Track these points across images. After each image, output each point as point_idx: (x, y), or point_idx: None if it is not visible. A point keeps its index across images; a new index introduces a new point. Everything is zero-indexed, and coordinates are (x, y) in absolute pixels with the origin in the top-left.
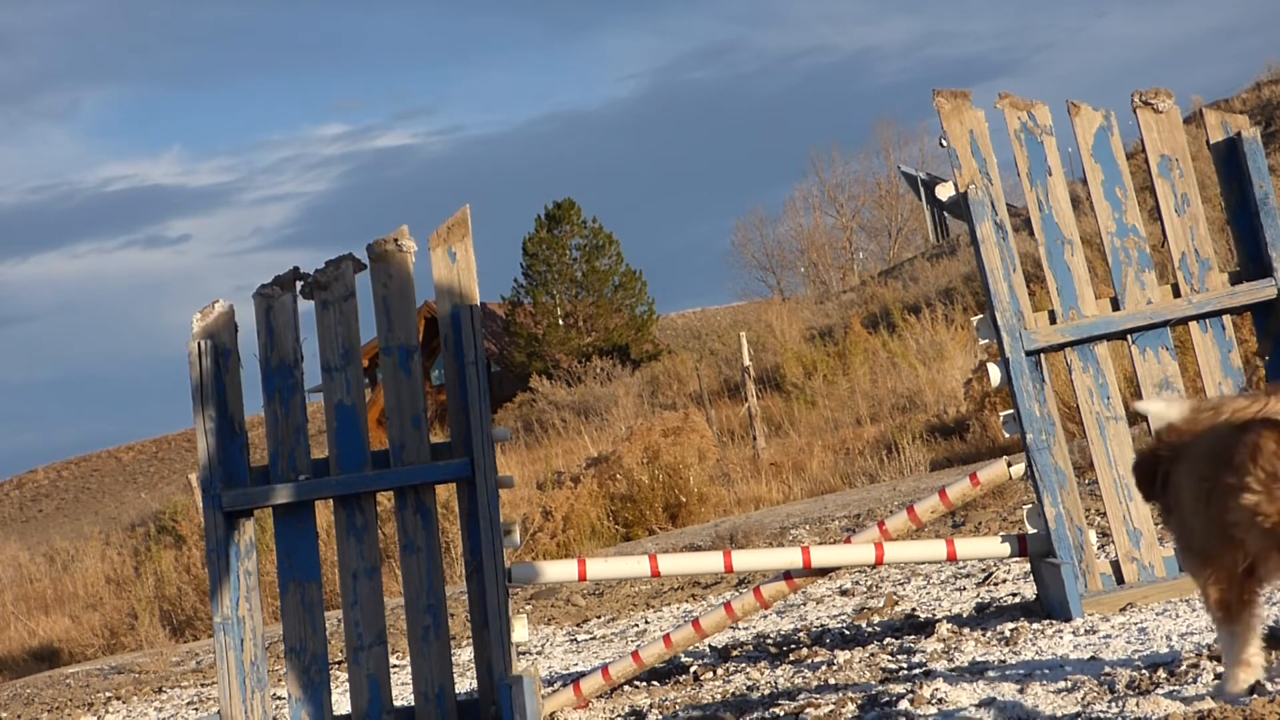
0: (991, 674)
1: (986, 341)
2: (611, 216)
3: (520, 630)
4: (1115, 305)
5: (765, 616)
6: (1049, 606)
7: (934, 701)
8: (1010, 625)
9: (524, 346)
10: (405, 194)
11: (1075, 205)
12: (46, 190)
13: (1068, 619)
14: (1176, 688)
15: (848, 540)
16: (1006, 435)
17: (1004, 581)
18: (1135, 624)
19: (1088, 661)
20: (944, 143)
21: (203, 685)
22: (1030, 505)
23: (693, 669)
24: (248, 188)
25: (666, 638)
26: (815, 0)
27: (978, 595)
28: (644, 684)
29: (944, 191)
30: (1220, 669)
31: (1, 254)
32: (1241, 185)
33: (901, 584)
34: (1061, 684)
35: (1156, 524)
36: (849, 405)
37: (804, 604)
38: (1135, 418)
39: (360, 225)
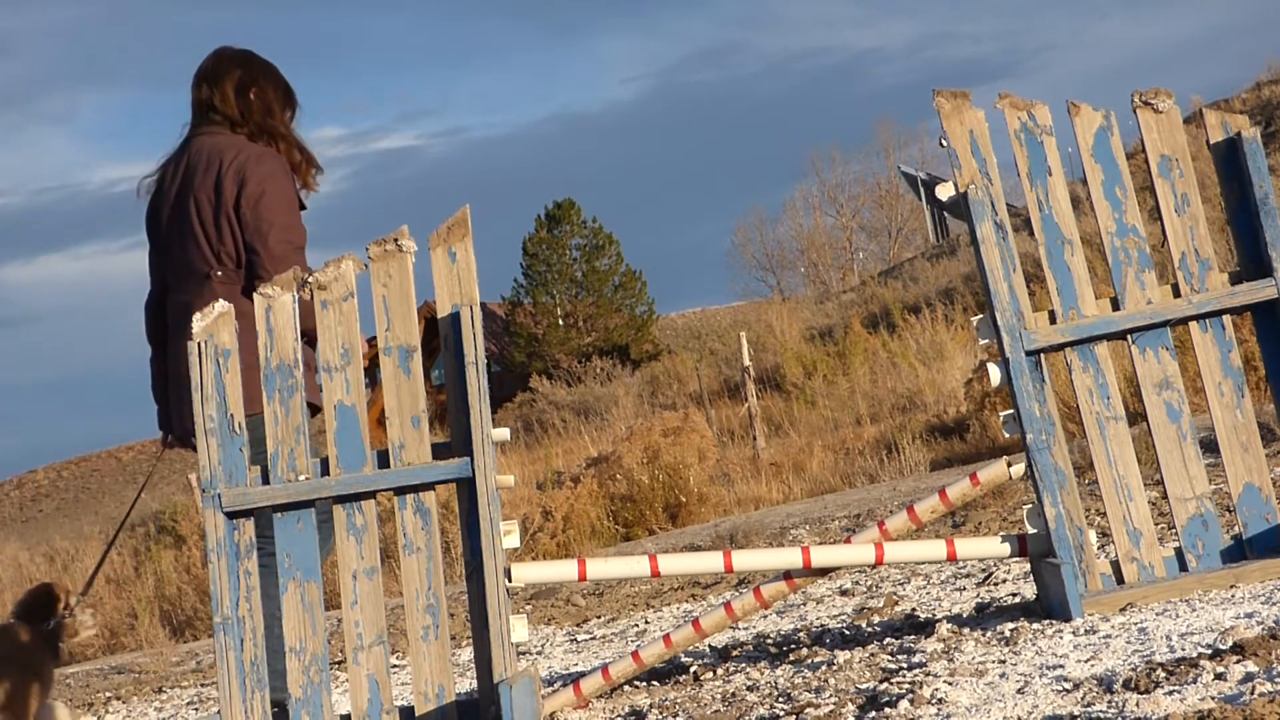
0: (991, 674)
1: (986, 341)
2: (611, 216)
3: (520, 630)
4: (1115, 305)
5: (765, 616)
6: (1049, 606)
7: (934, 701)
8: (1010, 625)
9: (524, 346)
10: (408, 195)
11: (1075, 205)
12: (51, 192)
13: (1068, 619)
14: (1176, 688)
15: (848, 540)
16: (1006, 435)
17: (1004, 581)
18: (1135, 624)
19: (1087, 661)
20: (944, 143)
21: (203, 685)
22: (1030, 505)
23: (693, 669)
24: None
25: (666, 638)
26: (817, 4)
27: (978, 595)
28: (644, 684)
29: (944, 191)
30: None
31: (6, 256)
32: (1241, 185)
33: (901, 584)
34: (1061, 684)
35: (1157, 524)
36: (849, 405)
37: (804, 604)
38: (1135, 418)
39: (364, 226)
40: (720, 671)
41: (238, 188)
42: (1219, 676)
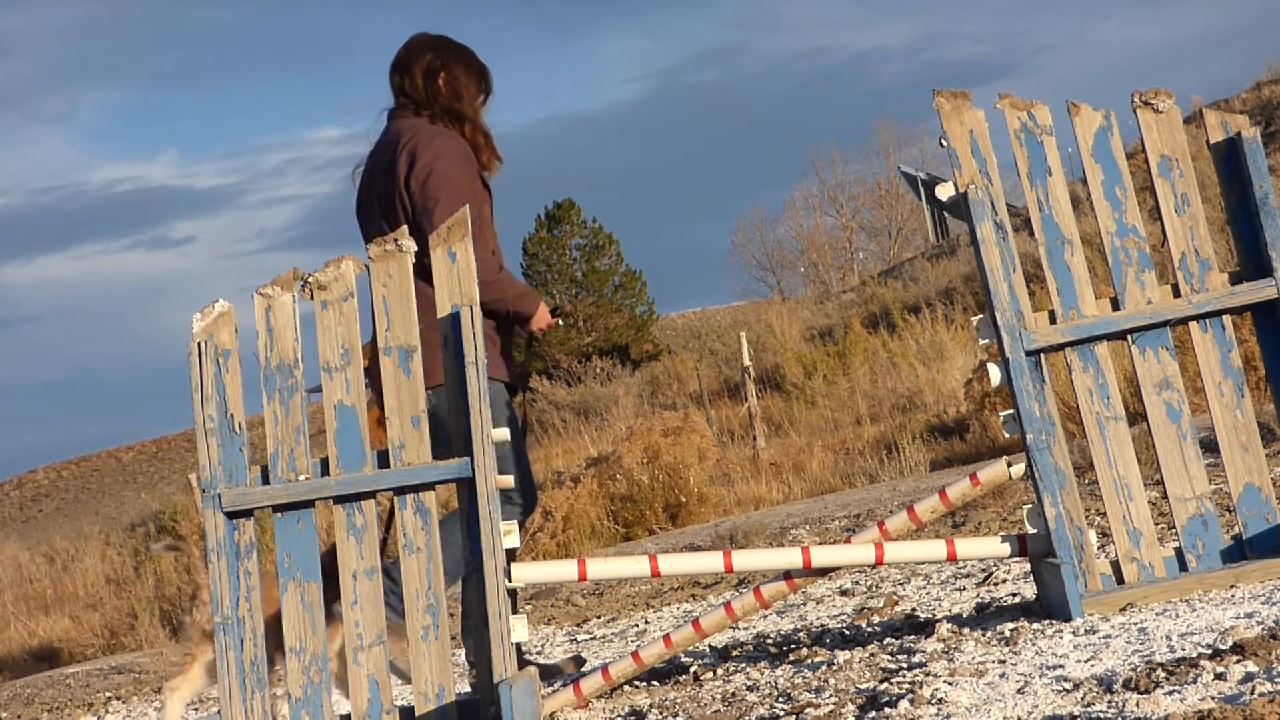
0: (991, 674)
1: (986, 341)
2: (611, 216)
3: (520, 630)
4: (1115, 305)
5: (765, 616)
6: (1049, 606)
7: (934, 701)
8: (1010, 625)
9: (524, 346)
10: None
11: (1075, 205)
12: (51, 192)
13: (1068, 619)
14: (1176, 688)
15: (848, 540)
16: (1006, 435)
17: (1004, 581)
18: (1135, 624)
19: (1087, 661)
20: (944, 143)
21: None
22: (1030, 505)
23: (693, 669)
24: (252, 190)
25: (666, 638)
26: (817, 4)
27: (978, 595)
28: (644, 684)
29: (944, 191)
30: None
31: (6, 256)
32: (1241, 185)
33: (901, 584)
34: (1061, 684)
35: (1157, 524)
36: (849, 405)
37: (804, 604)
38: (1135, 418)
39: None
40: (720, 671)
41: (408, 167)
42: (1219, 676)
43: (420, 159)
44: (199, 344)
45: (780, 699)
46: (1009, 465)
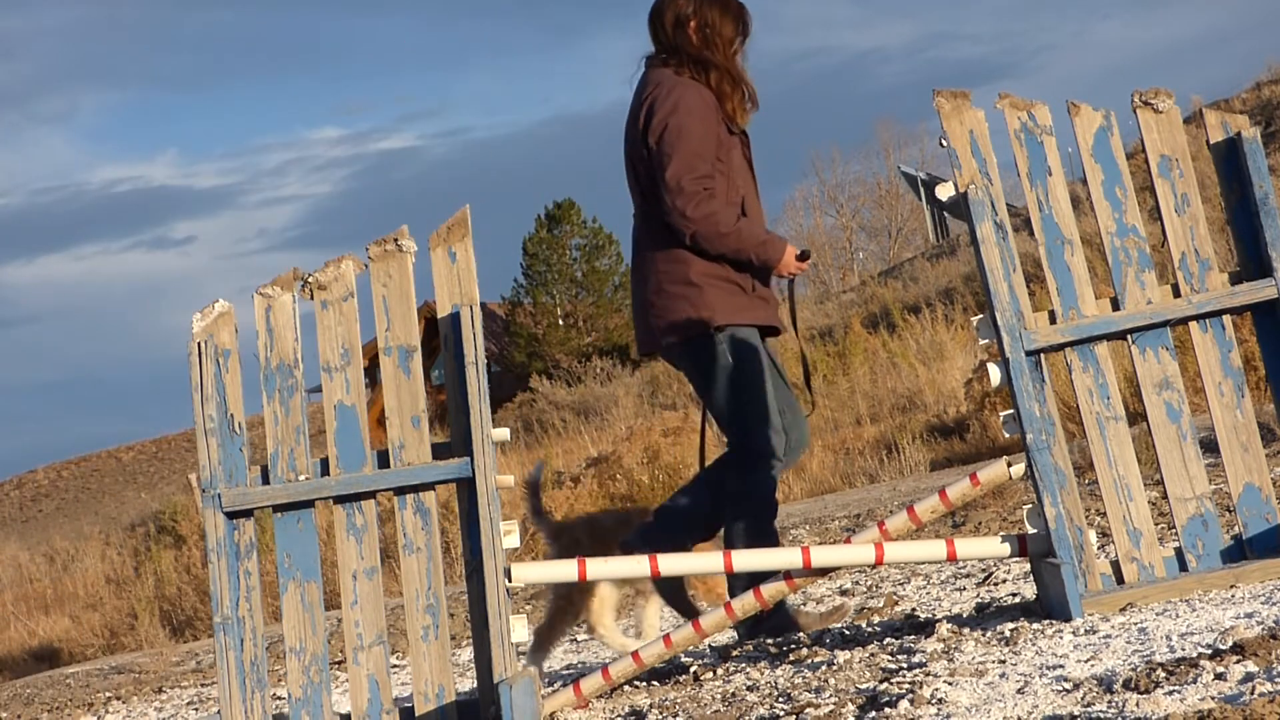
0: (991, 674)
1: (986, 341)
2: (611, 216)
3: (520, 630)
4: (1115, 305)
5: None
6: (1049, 606)
7: (934, 701)
8: (1010, 625)
9: (524, 346)
10: (409, 196)
11: (1075, 205)
12: (52, 192)
13: (1068, 619)
14: (1176, 688)
15: (848, 540)
16: (1006, 435)
17: (1004, 581)
18: (1135, 624)
19: (1087, 661)
20: (944, 143)
21: (203, 685)
22: (1030, 505)
23: (693, 669)
24: (252, 190)
25: (666, 638)
26: (817, 4)
27: (978, 595)
28: (644, 684)
29: (944, 191)
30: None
31: (6, 256)
32: (1241, 185)
33: (901, 584)
34: (1061, 684)
35: (1157, 524)
36: (849, 405)
37: (804, 604)
38: (1135, 418)
39: (365, 227)
40: (720, 671)
41: (646, 120)
42: (1219, 676)
43: (658, 113)
44: (199, 344)
45: (780, 699)
46: (1009, 465)
